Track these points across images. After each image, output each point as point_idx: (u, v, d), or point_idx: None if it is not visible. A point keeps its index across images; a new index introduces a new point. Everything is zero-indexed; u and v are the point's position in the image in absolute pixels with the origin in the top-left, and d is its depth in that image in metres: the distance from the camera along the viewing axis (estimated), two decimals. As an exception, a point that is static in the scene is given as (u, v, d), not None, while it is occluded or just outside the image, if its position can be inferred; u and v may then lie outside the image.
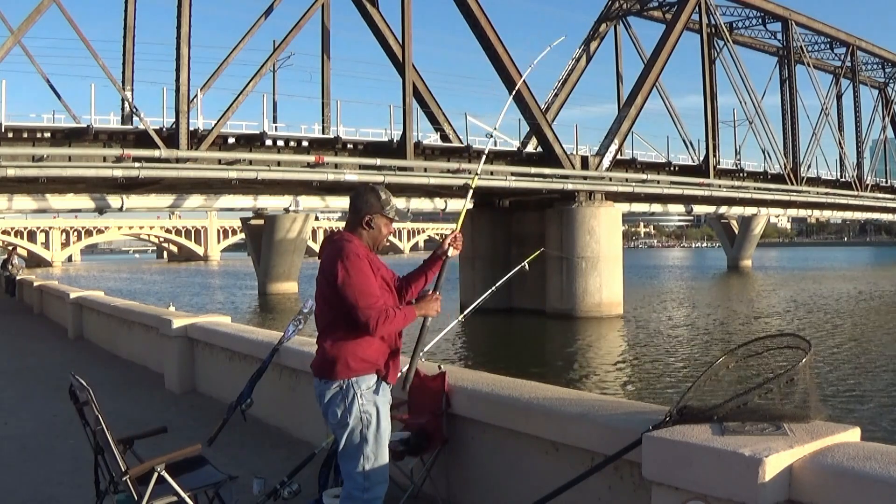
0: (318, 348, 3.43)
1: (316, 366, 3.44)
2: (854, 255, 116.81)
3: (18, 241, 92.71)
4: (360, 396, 3.32)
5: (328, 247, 3.43)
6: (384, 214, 3.47)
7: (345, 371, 3.32)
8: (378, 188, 3.54)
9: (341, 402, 3.33)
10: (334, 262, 3.29)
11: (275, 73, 36.18)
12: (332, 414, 3.36)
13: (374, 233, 3.46)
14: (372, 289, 3.29)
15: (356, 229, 3.45)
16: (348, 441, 3.34)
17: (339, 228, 3.58)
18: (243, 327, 8.37)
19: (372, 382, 3.37)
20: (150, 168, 25.95)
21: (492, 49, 33.57)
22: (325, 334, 3.40)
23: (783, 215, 72.80)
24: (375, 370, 3.38)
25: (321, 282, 3.39)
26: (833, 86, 55.22)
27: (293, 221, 46.20)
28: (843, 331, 27.33)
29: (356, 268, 3.27)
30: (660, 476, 2.76)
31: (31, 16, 25.50)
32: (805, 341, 2.85)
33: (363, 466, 3.32)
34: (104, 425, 3.43)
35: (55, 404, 6.97)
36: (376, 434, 3.35)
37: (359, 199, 3.48)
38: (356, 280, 3.25)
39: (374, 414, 3.35)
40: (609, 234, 33.72)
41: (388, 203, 3.47)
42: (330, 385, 3.35)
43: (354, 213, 3.47)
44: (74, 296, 14.09)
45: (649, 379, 19.05)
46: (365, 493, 3.33)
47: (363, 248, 3.39)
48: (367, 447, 3.33)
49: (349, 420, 3.31)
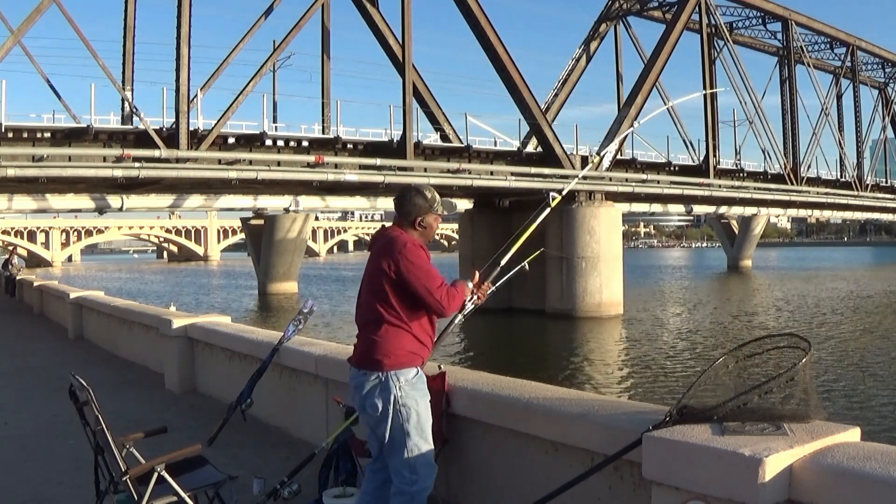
0: (361, 340, 3.49)
1: (357, 357, 3.50)
2: (854, 255, 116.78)
3: (18, 241, 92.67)
4: (400, 389, 3.38)
5: (383, 241, 3.50)
6: (433, 212, 3.56)
7: (387, 363, 3.37)
8: (423, 188, 3.61)
9: (381, 395, 3.38)
10: (395, 254, 3.38)
11: (275, 73, 36.19)
12: (372, 406, 3.40)
13: (426, 231, 3.57)
14: (436, 273, 3.44)
15: (407, 229, 3.53)
16: (392, 436, 3.38)
17: (387, 225, 3.66)
18: (243, 327, 8.36)
19: (411, 375, 3.42)
20: (150, 168, 25.95)
21: (492, 49, 33.58)
22: (369, 326, 3.46)
23: (783, 215, 72.90)
24: (416, 363, 3.45)
25: (372, 274, 3.47)
26: (833, 86, 55.28)
27: (293, 221, 46.19)
28: (843, 330, 27.33)
29: (419, 256, 3.40)
30: (660, 476, 2.76)
31: (31, 16, 25.50)
32: (805, 341, 2.85)
33: (408, 460, 3.37)
34: (104, 425, 3.43)
35: (55, 404, 6.96)
36: (418, 426, 3.39)
37: (407, 202, 3.55)
38: (423, 267, 3.38)
39: (415, 406, 3.40)
40: (609, 234, 33.73)
41: (434, 201, 3.56)
42: (369, 377, 3.40)
43: (404, 216, 3.54)
44: (74, 296, 14.08)
45: (649, 379, 19.05)
46: (412, 486, 3.37)
47: (419, 241, 3.51)
48: (410, 440, 3.37)
49: (389, 413, 3.36)
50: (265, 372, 6.03)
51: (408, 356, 3.40)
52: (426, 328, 3.48)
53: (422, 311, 3.44)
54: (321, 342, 6.41)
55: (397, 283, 3.37)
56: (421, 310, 3.44)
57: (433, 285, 3.37)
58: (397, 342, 3.38)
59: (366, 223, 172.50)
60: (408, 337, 3.40)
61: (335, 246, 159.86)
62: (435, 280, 3.39)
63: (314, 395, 5.80)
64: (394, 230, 3.52)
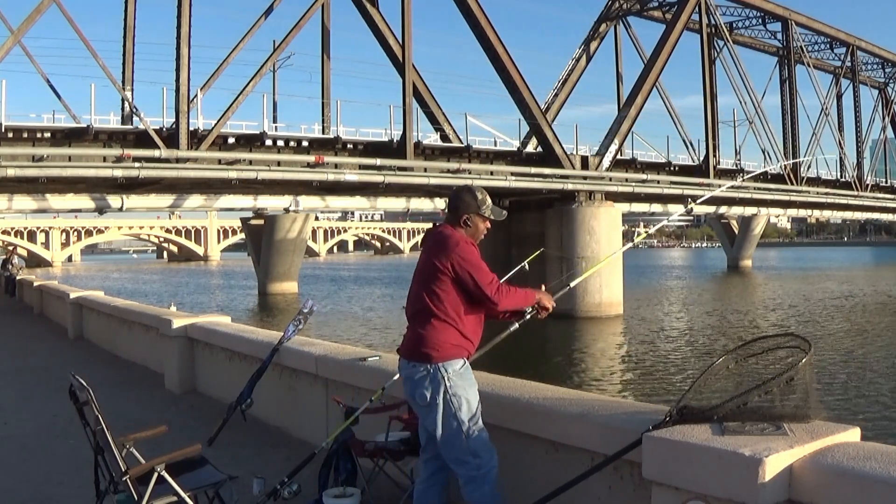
0: (410, 332, 3.57)
1: (406, 348, 3.57)
2: (854, 255, 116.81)
3: (18, 241, 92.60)
4: (448, 380, 3.44)
5: (435, 238, 3.60)
6: (480, 214, 3.65)
7: (435, 356, 3.44)
8: (476, 189, 3.72)
9: (430, 385, 3.44)
10: (448, 251, 3.47)
11: (275, 73, 36.20)
12: (421, 396, 3.47)
13: (471, 230, 3.65)
14: (486, 267, 3.51)
15: (456, 227, 3.62)
16: (444, 429, 3.44)
17: (439, 223, 3.75)
18: (243, 327, 8.37)
19: (458, 366, 3.48)
20: (150, 168, 25.96)
21: (492, 49, 33.58)
22: (417, 319, 3.54)
23: (783, 215, 72.82)
24: (462, 355, 3.51)
25: (423, 269, 3.55)
26: (833, 86, 55.27)
27: (293, 221, 46.19)
28: (843, 330, 27.32)
29: (471, 252, 3.50)
30: (660, 476, 2.77)
31: (31, 16, 25.51)
32: (805, 341, 2.85)
33: (468, 446, 3.43)
34: (104, 425, 3.43)
35: (55, 404, 6.96)
36: (470, 413, 3.46)
37: (457, 199, 3.68)
38: (474, 261, 3.47)
39: (464, 395, 3.46)
40: (609, 234, 33.72)
41: (484, 203, 3.66)
42: (419, 368, 3.47)
43: (453, 213, 3.66)
44: (74, 296, 14.09)
45: (649, 379, 19.04)
46: (479, 469, 3.43)
47: (469, 238, 3.60)
48: (465, 427, 3.43)
49: (439, 403, 3.42)
50: (265, 372, 6.03)
51: (454, 349, 3.47)
52: (472, 324, 3.55)
53: (469, 307, 3.52)
54: (321, 342, 6.42)
55: (449, 279, 3.46)
56: (469, 305, 3.51)
57: (485, 280, 3.46)
58: (444, 336, 3.45)
59: (366, 223, 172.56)
60: (453, 331, 3.47)
61: (335, 246, 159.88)
62: (486, 275, 3.48)
63: (314, 395, 5.80)
64: (445, 228, 3.62)
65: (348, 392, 5.12)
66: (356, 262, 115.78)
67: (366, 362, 5.11)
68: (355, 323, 31.79)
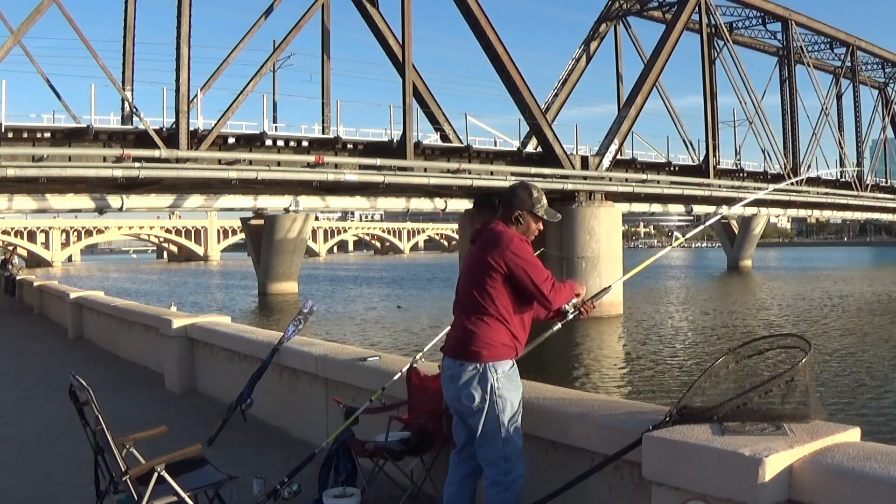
0: (457, 330, 3.49)
1: (452, 346, 3.49)
2: (854, 255, 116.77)
3: (18, 241, 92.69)
4: (497, 380, 3.38)
5: (487, 234, 3.52)
6: (533, 212, 3.56)
7: (485, 354, 3.38)
8: (532, 186, 3.63)
9: (478, 386, 3.38)
10: (501, 248, 3.40)
11: (275, 73, 36.22)
12: (468, 397, 3.39)
13: (522, 228, 3.56)
14: (541, 264, 3.46)
15: (508, 224, 3.55)
16: (486, 427, 3.39)
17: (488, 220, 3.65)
18: (243, 327, 8.36)
19: (507, 367, 3.43)
20: (150, 168, 25.96)
21: (492, 49, 33.58)
22: (467, 317, 3.45)
23: (783, 215, 72.82)
24: (511, 355, 3.46)
25: (474, 266, 3.47)
26: (833, 86, 55.28)
27: (293, 221, 46.20)
28: (843, 330, 27.31)
29: (525, 250, 3.44)
30: (660, 476, 2.77)
31: (31, 16, 25.51)
32: (805, 341, 2.85)
33: (502, 450, 3.38)
34: (104, 425, 3.43)
35: (55, 404, 6.96)
36: (512, 417, 3.40)
37: (511, 194, 3.59)
38: (529, 258, 3.41)
39: (510, 398, 3.41)
40: (609, 234, 33.73)
41: (538, 202, 3.57)
42: (466, 367, 3.40)
43: (506, 208, 3.57)
44: (74, 296, 14.08)
45: (649, 379, 19.03)
46: (507, 475, 3.38)
47: (522, 235, 3.53)
48: (504, 430, 3.38)
49: (486, 404, 3.36)
50: (265, 372, 6.03)
51: (504, 348, 3.41)
52: (522, 323, 3.50)
53: (521, 306, 3.46)
54: (321, 342, 6.42)
55: (501, 276, 3.38)
56: (520, 304, 3.45)
57: (540, 278, 3.40)
58: (495, 334, 3.39)
59: (366, 223, 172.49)
60: (504, 330, 3.41)
61: (335, 246, 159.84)
62: (542, 273, 3.42)
63: (314, 395, 5.80)
64: (497, 224, 3.54)
65: (348, 392, 5.12)
66: (356, 262, 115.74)
67: (366, 362, 5.11)
68: (352, 323, 31.79)
